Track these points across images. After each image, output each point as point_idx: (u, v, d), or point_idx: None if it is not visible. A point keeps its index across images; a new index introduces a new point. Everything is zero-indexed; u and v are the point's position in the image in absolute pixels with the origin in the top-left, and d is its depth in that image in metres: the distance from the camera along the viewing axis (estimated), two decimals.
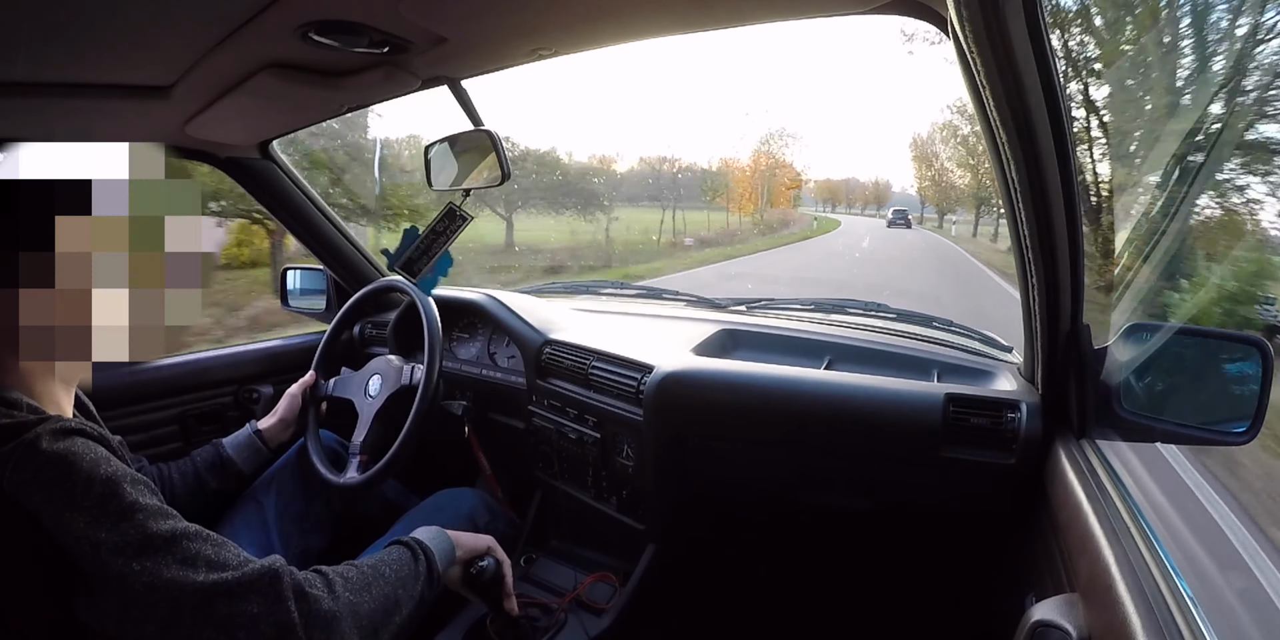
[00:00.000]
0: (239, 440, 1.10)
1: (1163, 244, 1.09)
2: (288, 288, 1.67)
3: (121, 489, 0.56)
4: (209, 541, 0.59)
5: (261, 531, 1.05)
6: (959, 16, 0.55)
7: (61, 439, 0.56)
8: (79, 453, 0.56)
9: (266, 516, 1.07)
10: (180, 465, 1.04)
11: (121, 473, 0.57)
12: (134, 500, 0.56)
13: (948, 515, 1.05)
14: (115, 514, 0.55)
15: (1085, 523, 0.64)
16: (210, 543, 0.59)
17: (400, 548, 0.75)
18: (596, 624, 1.08)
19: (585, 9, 0.72)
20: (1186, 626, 0.48)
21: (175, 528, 0.57)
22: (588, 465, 1.21)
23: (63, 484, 0.54)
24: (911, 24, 1.62)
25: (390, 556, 0.73)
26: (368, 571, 0.68)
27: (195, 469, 1.04)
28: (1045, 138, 0.64)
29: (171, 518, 0.59)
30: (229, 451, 1.08)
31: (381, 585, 0.68)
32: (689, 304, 1.57)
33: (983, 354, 1.17)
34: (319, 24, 0.69)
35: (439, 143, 1.13)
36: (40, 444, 0.55)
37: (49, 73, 0.80)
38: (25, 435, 0.55)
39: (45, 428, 0.56)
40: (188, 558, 0.57)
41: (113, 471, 0.57)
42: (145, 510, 0.57)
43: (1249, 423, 0.71)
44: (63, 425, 0.57)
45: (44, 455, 0.55)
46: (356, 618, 0.63)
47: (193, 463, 1.05)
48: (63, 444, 0.56)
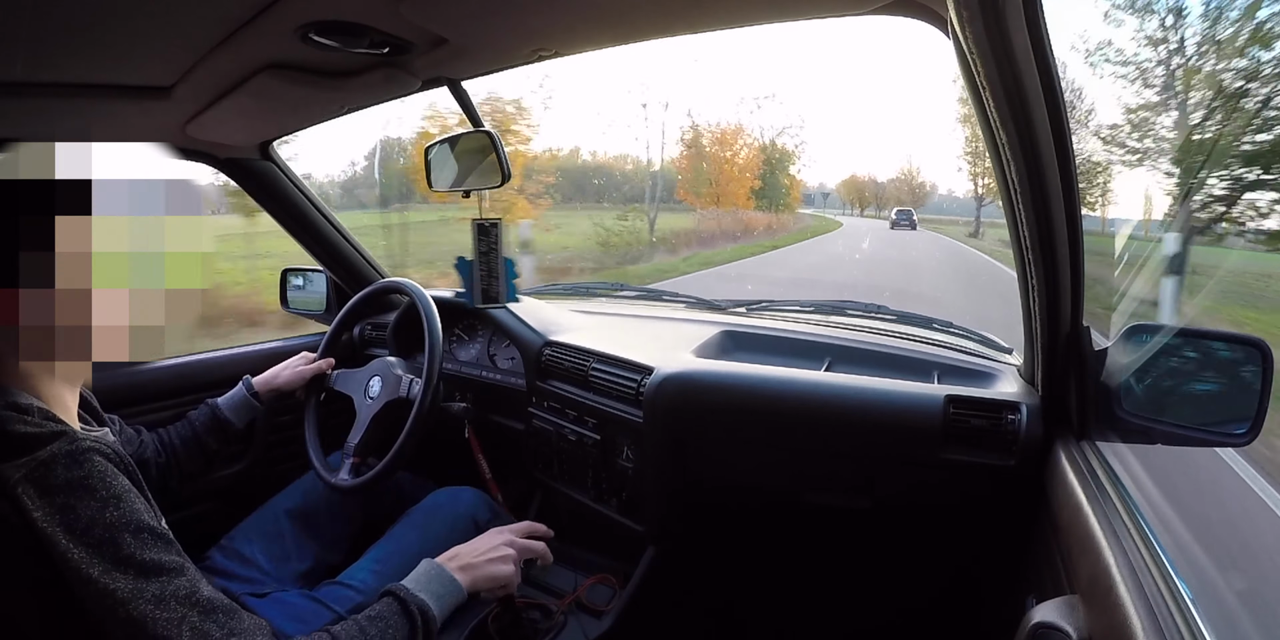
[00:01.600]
0: (234, 400, 1.13)
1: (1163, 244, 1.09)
2: (287, 289, 1.67)
3: (122, 539, 0.56)
4: (207, 614, 0.57)
5: (279, 543, 1.06)
6: (959, 16, 0.55)
7: (75, 466, 0.56)
8: (90, 487, 0.56)
9: (285, 536, 1.08)
10: (179, 429, 1.07)
11: (127, 520, 0.57)
12: (130, 553, 0.55)
13: (948, 517, 1.05)
14: (111, 560, 0.55)
15: (1085, 524, 0.64)
16: (207, 617, 0.57)
17: (395, 612, 0.71)
18: (596, 626, 1.08)
19: (585, 9, 0.72)
20: (1186, 628, 0.48)
21: (164, 590, 0.56)
22: (587, 467, 1.21)
23: (68, 515, 0.54)
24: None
25: (377, 623, 0.69)
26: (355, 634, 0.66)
27: (194, 433, 1.07)
28: (1045, 138, 0.64)
29: (184, 576, 0.58)
30: (225, 413, 1.11)
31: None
32: (689, 306, 1.57)
33: (983, 355, 1.17)
34: (319, 25, 0.69)
35: (439, 143, 1.13)
36: (54, 469, 0.55)
37: (49, 73, 0.80)
38: (39, 453, 0.55)
39: (60, 448, 0.56)
40: (177, 621, 0.55)
41: (119, 517, 0.56)
42: (139, 565, 0.56)
43: (1249, 423, 0.71)
44: (77, 445, 0.57)
45: (55, 482, 0.55)
46: None
47: (191, 426, 1.08)
48: (77, 472, 0.56)
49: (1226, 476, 2.55)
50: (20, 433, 0.56)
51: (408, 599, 0.71)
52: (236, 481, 1.35)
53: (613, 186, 25.41)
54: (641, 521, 1.16)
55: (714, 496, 1.17)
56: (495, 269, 1.13)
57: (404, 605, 0.71)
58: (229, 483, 1.34)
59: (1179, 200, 4.01)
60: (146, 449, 1.01)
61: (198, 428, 1.08)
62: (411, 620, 0.70)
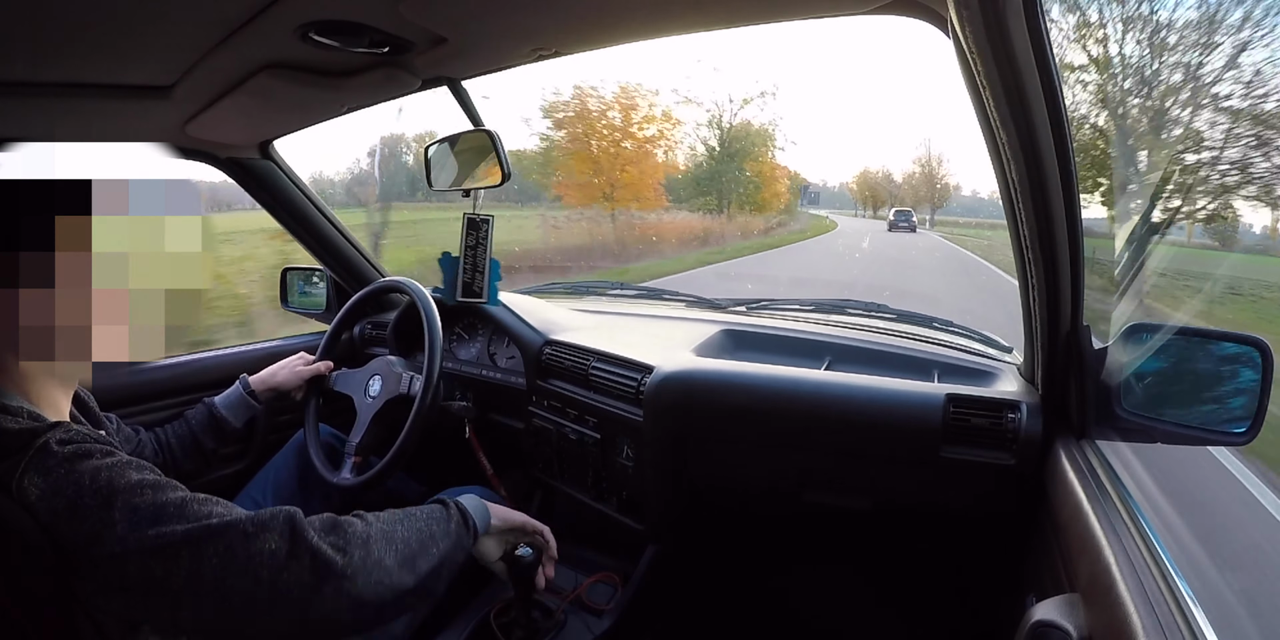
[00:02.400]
0: (231, 399, 1.13)
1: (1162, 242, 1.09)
2: (287, 288, 1.67)
3: (132, 500, 0.56)
4: (220, 503, 0.59)
5: None
6: (959, 16, 0.55)
7: (69, 444, 0.56)
8: (92, 466, 0.56)
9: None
10: (176, 428, 1.07)
11: (133, 483, 0.57)
12: (154, 498, 0.56)
13: (948, 515, 1.05)
14: (129, 516, 0.55)
15: (1085, 523, 0.64)
16: (221, 504, 0.59)
17: (434, 505, 0.74)
18: (597, 625, 1.08)
19: (585, 9, 0.72)
20: (1186, 626, 0.48)
21: (184, 496, 0.58)
22: (588, 466, 1.21)
23: (75, 498, 0.54)
24: None
25: (421, 509, 0.72)
26: (398, 513, 0.68)
27: (191, 432, 1.07)
28: (1045, 138, 0.64)
29: (180, 490, 0.59)
30: (222, 412, 1.11)
31: (413, 523, 0.68)
32: (689, 305, 1.57)
33: (983, 354, 1.17)
34: (319, 24, 0.69)
35: (439, 143, 1.13)
36: (51, 456, 0.55)
37: (49, 73, 0.80)
38: (35, 445, 0.55)
39: (54, 436, 0.56)
40: (200, 514, 0.56)
41: (126, 482, 0.57)
42: (157, 503, 0.56)
43: (1249, 423, 0.71)
44: (71, 434, 0.57)
45: (56, 469, 0.55)
46: (390, 542, 0.63)
47: (188, 425, 1.08)
48: (70, 448, 0.56)
49: (1226, 476, 2.56)
50: (11, 430, 0.56)
51: (449, 501, 0.75)
52: (236, 481, 1.35)
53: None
54: (642, 520, 1.17)
55: (714, 495, 1.17)
56: (480, 264, 1.14)
57: (443, 502, 0.75)
58: (229, 482, 1.34)
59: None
60: (145, 449, 1.01)
61: (194, 427, 1.08)
62: (447, 508, 0.74)
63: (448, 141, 1.12)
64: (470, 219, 1.12)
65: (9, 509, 0.54)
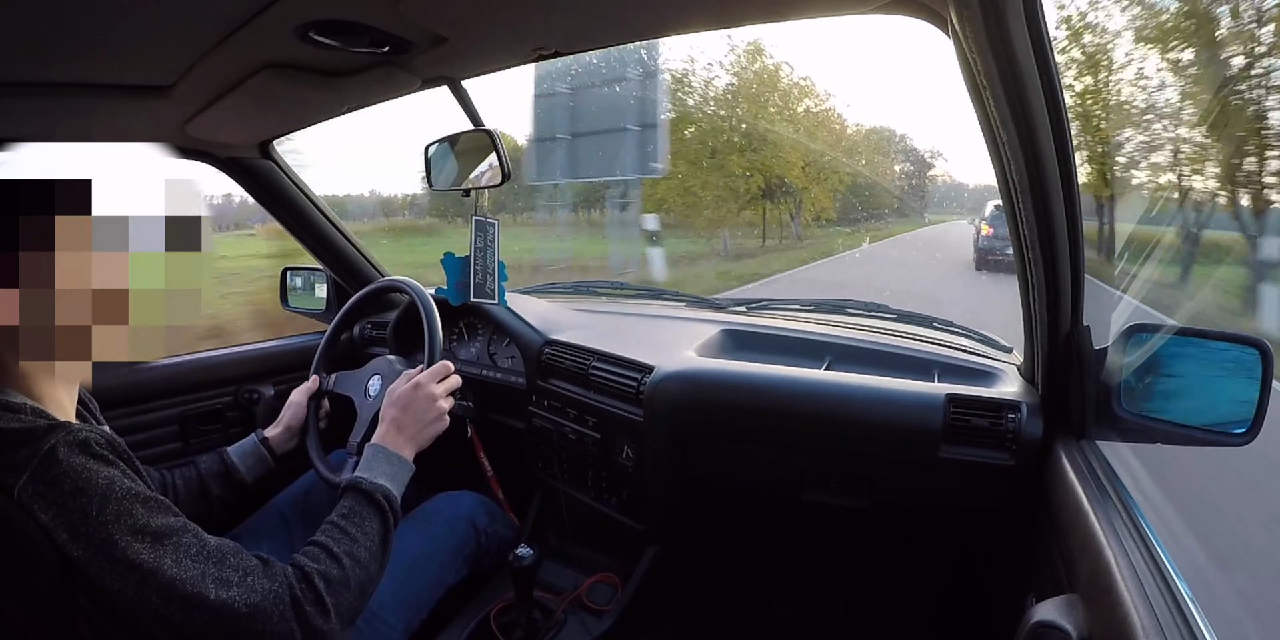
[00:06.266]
0: (244, 449, 1.07)
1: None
2: (287, 288, 1.67)
3: (135, 510, 0.58)
4: (221, 562, 0.63)
5: (285, 546, 1.04)
6: (959, 16, 0.55)
7: (78, 452, 0.57)
8: (95, 468, 0.57)
9: (292, 533, 1.06)
10: (184, 472, 1.01)
11: (136, 491, 0.59)
12: (146, 521, 0.58)
13: (948, 516, 1.05)
14: (130, 531, 0.57)
15: (1085, 523, 0.64)
16: (222, 564, 0.62)
17: (358, 497, 0.80)
18: (597, 624, 1.08)
19: (585, 9, 0.72)
20: (1186, 626, 0.48)
21: (190, 545, 0.61)
22: (588, 466, 1.21)
23: (78, 500, 0.55)
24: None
25: (353, 508, 0.78)
26: (349, 526, 0.75)
27: (199, 476, 1.01)
28: (1045, 138, 0.64)
29: (188, 533, 0.62)
30: (233, 459, 1.05)
31: (363, 525, 0.76)
32: (689, 304, 1.57)
33: (983, 354, 1.17)
34: (319, 24, 0.69)
35: (439, 142, 1.13)
36: (57, 456, 0.56)
37: (49, 73, 0.80)
38: (40, 445, 0.56)
39: (60, 438, 0.57)
40: (200, 577, 0.60)
41: (128, 489, 0.58)
42: (157, 532, 0.59)
43: (1249, 423, 0.71)
44: (77, 435, 0.58)
45: (60, 469, 0.55)
46: (358, 562, 0.72)
47: (196, 469, 1.02)
48: (79, 458, 0.57)
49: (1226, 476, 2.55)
50: (14, 429, 0.56)
51: (370, 489, 0.80)
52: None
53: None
54: (642, 520, 1.17)
55: (714, 495, 1.17)
56: (490, 265, 1.14)
57: (369, 496, 0.79)
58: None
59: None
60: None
61: (202, 472, 1.02)
62: (379, 507, 0.79)
63: (448, 141, 1.11)
64: (478, 222, 1.12)
65: (9, 509, 0.54)
